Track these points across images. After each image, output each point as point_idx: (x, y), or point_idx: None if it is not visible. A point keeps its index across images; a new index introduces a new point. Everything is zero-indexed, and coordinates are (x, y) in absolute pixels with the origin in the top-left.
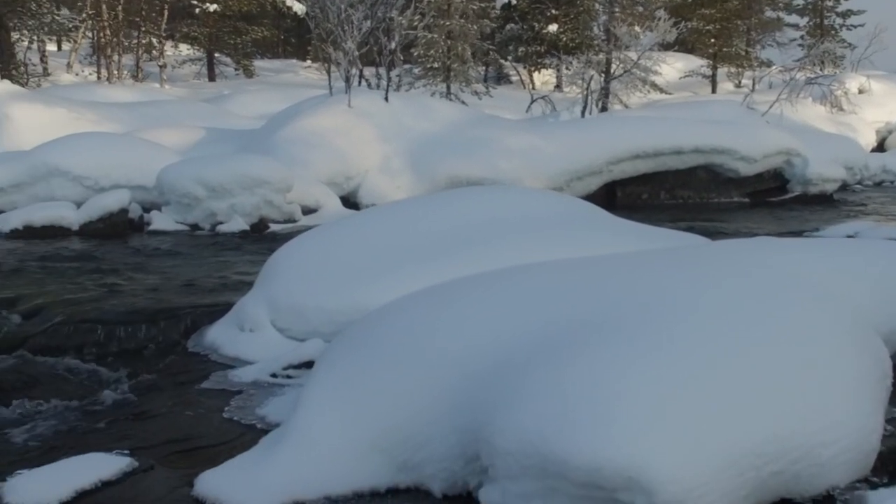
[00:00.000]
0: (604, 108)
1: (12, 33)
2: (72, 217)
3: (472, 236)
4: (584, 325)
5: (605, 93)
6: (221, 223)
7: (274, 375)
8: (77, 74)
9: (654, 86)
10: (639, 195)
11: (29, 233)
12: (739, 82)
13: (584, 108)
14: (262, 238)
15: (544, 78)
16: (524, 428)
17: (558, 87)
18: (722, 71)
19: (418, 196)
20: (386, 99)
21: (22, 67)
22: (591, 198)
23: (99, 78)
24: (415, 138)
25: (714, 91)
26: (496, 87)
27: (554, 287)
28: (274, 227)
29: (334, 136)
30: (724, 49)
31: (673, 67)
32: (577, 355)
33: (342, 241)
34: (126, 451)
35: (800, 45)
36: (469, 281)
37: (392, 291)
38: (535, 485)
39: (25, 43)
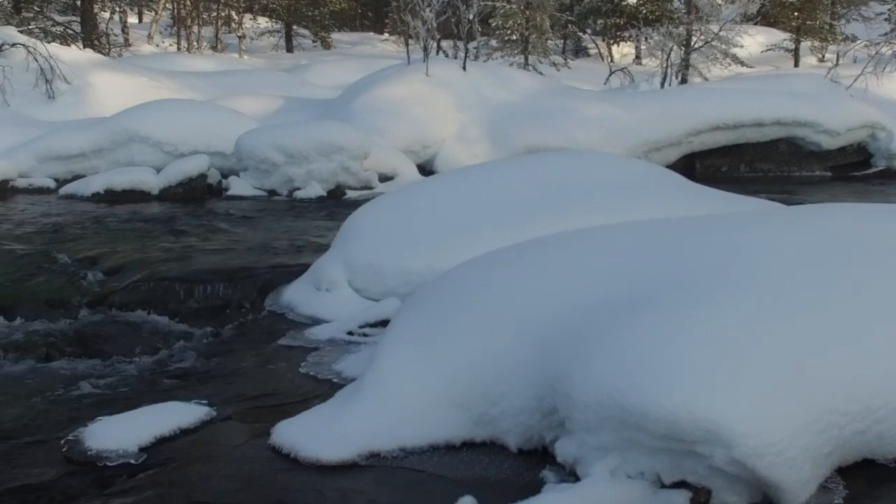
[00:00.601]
0: (683, 81)
1: (95, 4)
2: (152, 181)
3: (549, 200)
4: (666, 281)
5: (685, 65)
6: (298, 189)
7: (350, 333)
8: (157, 45)
9: (735, 59)
10: (718, 167)
11: (110, 196)
12: (823, 56)
13: (664, 80)
14: (339, 204)
15: (623, 51)
16: (603, 380)
17: (637, 58)
18: (805, 45)
19: (495, 160)
20: (464, 68)
21: (104, 38)
22: (670, 169)
23: (179, 49)
24: (492, 107)
25: (797, 65)
26: (574, 58)
27: (633, 245)
28: (350, 194)
29: (411, 105)
30: (808, 22)
31: (754, 41)
32: (659, 309)
33: (420, 203)
34: (204, 402)
35: (886, 19)
36: (547, 240)
37: (469, 253)
38: (612, 437)
39: (107, 14)
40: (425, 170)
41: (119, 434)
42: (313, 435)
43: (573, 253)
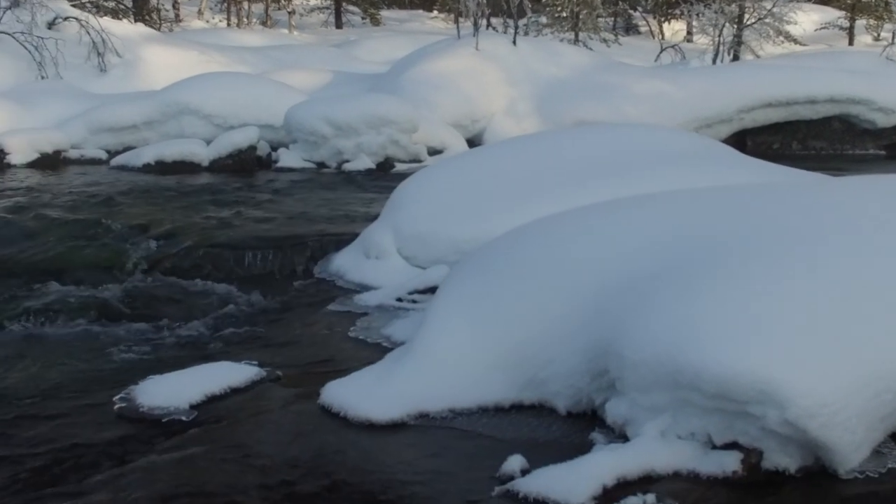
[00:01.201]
0: (735, 58)
1: None
2: (202, 153)
3: (599, 169)
4: (720, 243)
5: (738, 42)
6: (347, 161)
7: (399, 300)
8: (207, 21)
9: (789, 36)
10: (770, 145)
11: (160, 167)
12: (878, 35)
13: (715, 56)
14: (388, 177)
15: (674, 28)
16: (656, 339)
17: (689, 35)
18: (860, 23)
19: (544, 131)
20: (514, 42)
21: (155, 13)
22: None
23: (228, 24)
24: (542, 82)
25: (851, 43)
26: (625, 35)
27: (687, 209)
28: (399, 167)
29: (461, 79)
30: (863, 0)
31: (808, 18)
32: (714, 271)
33: (469, 173)
34: (254, 363)
35: None
36: (598, 205)
37: (518, 221)
38: (664, 397)
39: None
40: (474, 144)
41: (170, 392)
42: (363, 395)
43: (626, 216)
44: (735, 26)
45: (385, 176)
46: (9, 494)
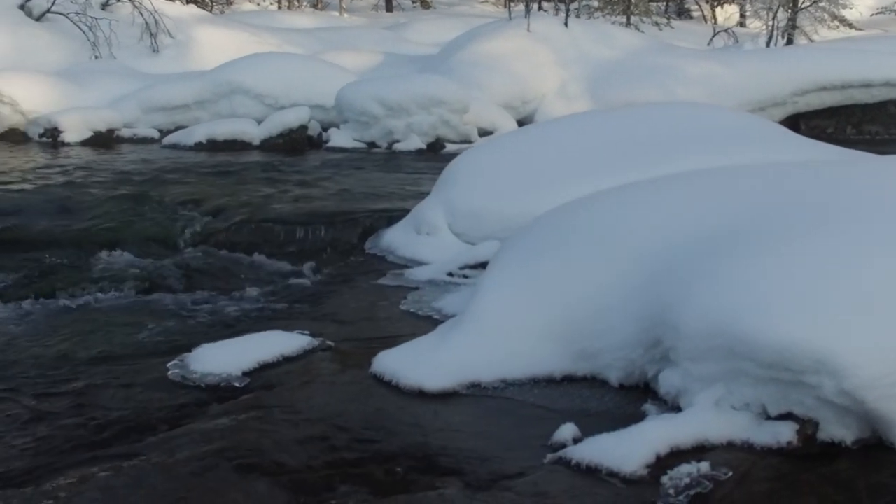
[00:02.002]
0: (789, 42)
1: None
2: (253, 132)
3: (651, 147)
4: (775, 215)
5: (791, 26)
6: (398, 141)
7: (450, 274)
8: (258, 4)
9: (844, 21)
10: (823, 129)
11: (212, 146)
12: None
13: (769, 40)
14: (438, 157)
15: (727, 13)
16: (711, 308)
17: (742, 19)
18: None
19: (595, 110)
20: (566, 24)
21: None
22: None
23: (279, 6)
24: (593, 64)
25: None
26: (677, 19)
27: (740, 183)
28: (450, 148)
29: (512, 60)
30: None
31: (864, 3)
32: (770, 240)
33: (521, 150)
34: (306, 332)
35: None
36: (651, 181)
37: (569, 197)
38: (718, 366)
39: None
40: (524, 125)
41: (223, 359)
42: (414, 364)
43: (680, 189)
44: (789, 10)
45: (435, 156)
46: (67, 454)
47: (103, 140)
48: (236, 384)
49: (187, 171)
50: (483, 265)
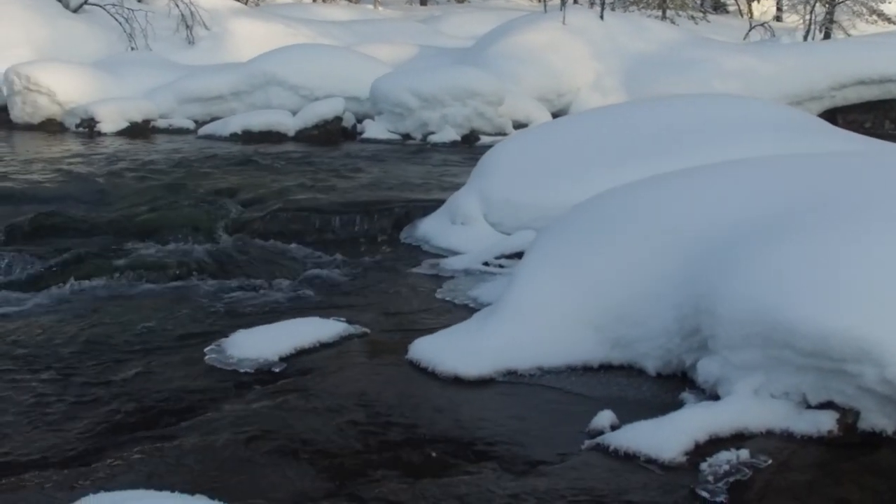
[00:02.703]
0: (826, 36)
1: None
2: (288, 123)
3: (688, 137)
4: (816, 203)
5: (829, 20)
6: (432, 133)
7: (485, 264)
8: None
9: (882, 15)
10: (861, 123)
11: (247, 137)
12: None
13: (807, 34)
14: (473, 149)
15: (763, 7)
16: (750, 295)
17: (778, 13)
18: None
19: (629, 101)
20: (601, 17)
21: None
22: None
23: (314, 0)
24: (629, 57)
25: None
26: (713, 13)
27: (781, 172)
28: (484, 140)
29: (547, 53)
30: None
31: None
32: (810, 229)
33: (557, 140)
34: (342, 319)
35: None
36: (688, 170)
37: (604, 187)
38: (757, 355)
39: None
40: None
41: (260, 344)
42: (451, 351)
43: (716, 179)
44: (827, 4)
45: (469, 148)
46: (108, 437)
47: (139, 130)
48: (273, 369)
49: (223, 161)
50: (518, 255)
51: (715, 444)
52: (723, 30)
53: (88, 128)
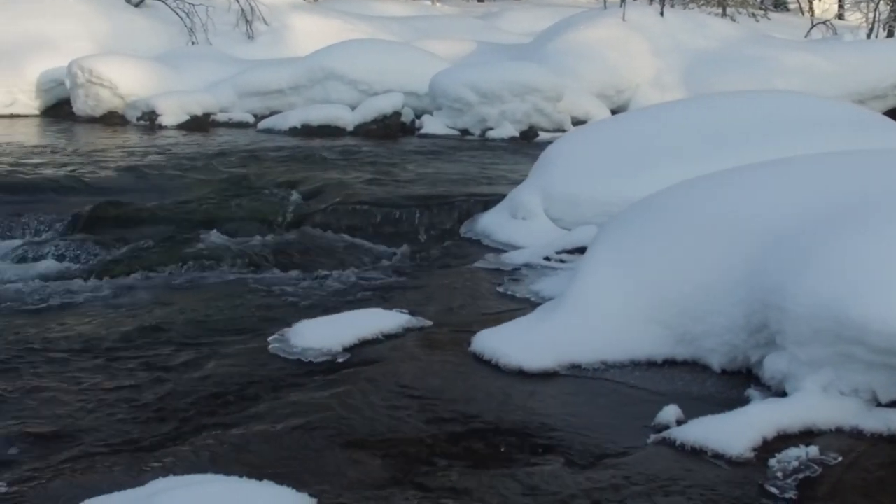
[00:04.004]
0: (890, 35)
1: None
2: (347, 118)
3: (750, 133)
4: (888, 200)
5: (894, 17)
6: (491, 129)
7: (546, 258)
8: None
9: None
10: None
11: (306, 131)
12: None
13: (870, 32)
14: (531, 145)
15: (825, 5)
16: (820, 291)
17: (841, 10)
18: None
19: (689, 97)
20: (661, 13)
21: None
22: None
23: None
24: (689, 54)
25: None
26: (773, 10)
27: (851, 167)
28: (543, 136)
29: (606, 49)
30: None
31: None
32: (881, 224)
33: (617, 136)
34: (405, 311)
35: None
36: (752, 164)
37: (666, 183)
38: (826, 351)
39: None
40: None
41: (323, 334)
42: (514, 344)
43: (782, 173)
44: (891, 1)
45: (528, 144)
46: (173, 422)
47: (199, 124)
48: (337, 359)
49: (283, 154)
50: (580, 250)
51: (783, 440)
52: (783, 28)
53: (149, 120)
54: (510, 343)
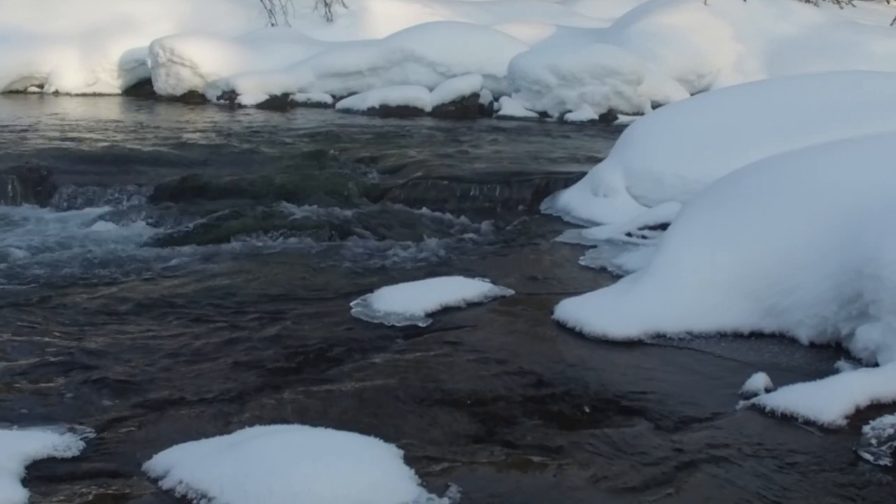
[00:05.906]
0: None
1: None
2: (425, 98)
3: (836, 113)
4: None
5: None
6: (570, 111)
7: (629, 234)
8: None
9: None
10: None
11: (384, 111)
12: None
13: None
14: (610, 128)
15: None
16: None
17: None
18: None
19: (775, 77)
20: None
21: None
22: None
23: None
24: (771, 39)
25: None
26: None
27: None
28: (622, 119)
29: (687, 33)
30: None
31: None
32: None
33: (701, 115)
34: (487, 279)
35: None
36: (839, 140)
37: (751, 160)
38: None
39: None
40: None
41: (406, 299)
42: (599, 312)
43: (876, 147)
44: None
45: (607, 127)
46: (262, 378)
47: (278, 103)
48: (420, 324)
49: (362, 132)
50: (662, 226)
51: (877, 409)
52: (869, 15)
53: (229, 100)
54: (595, 311)
